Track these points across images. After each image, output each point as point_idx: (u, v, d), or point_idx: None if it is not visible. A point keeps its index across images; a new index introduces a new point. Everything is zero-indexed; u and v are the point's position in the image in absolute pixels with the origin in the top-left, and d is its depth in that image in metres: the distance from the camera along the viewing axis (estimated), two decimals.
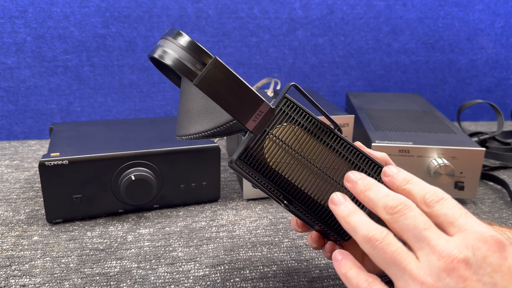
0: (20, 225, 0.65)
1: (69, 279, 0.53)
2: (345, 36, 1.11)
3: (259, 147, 0.41)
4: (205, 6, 1.01)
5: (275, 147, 0.41)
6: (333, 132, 0.43)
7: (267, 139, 0.41)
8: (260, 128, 0.40)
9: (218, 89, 0.37)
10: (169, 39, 0.39)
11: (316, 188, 0.42)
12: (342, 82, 1.16)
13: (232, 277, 0.54)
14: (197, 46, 0.38)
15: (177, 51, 0.38)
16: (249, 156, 0.41)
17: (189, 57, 0.38)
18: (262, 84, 1.11)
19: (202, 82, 0.37)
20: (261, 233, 0.64)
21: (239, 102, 0.38)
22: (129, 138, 0.71)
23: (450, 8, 1.13)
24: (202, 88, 0.37)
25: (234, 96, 0.38)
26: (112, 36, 0.98)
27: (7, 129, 1.00)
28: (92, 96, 1.02)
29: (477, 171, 0.72)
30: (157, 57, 0.39)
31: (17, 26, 0.93)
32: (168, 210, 0.70)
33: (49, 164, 0.61)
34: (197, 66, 0.38)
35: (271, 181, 0.42)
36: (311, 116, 0.43)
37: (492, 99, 1.24)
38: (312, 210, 0.43)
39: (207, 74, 0.37)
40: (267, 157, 0.41)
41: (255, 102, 0.39)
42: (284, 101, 0.42)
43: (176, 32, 0.39)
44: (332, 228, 0.44)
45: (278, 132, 0.41)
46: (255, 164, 0.41)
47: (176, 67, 0.38)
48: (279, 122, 0.41)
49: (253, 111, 0.39)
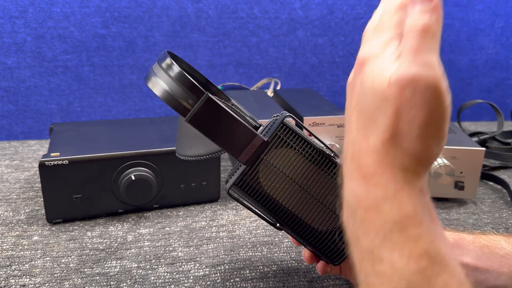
0: (20, 225, 0.64)
1: (69, 279, 0.53)
2: (345, 36, 1.11)
3: (254, 174, 0.41)
4: (205, 6, 1.01)
5: (269, 173, 0.41)
6: (328, 158, 0.43)
7: (261, 165, 0.41)
8: (253, 159, 0.40)
9: (209, 125, 0.37)
10: (162, 67, 0.38)
11: (310, 213, 0.43)
12: (342, 82, 1.15)
13: (232, 277, 0.54)
14: (188, 80, 0.37)
15: (168, 84, 0.37)
16: (243, 182, 0.41)
17: (181, 91, 0.37)
18: (262, 84, 1.11)
19: (194, 119, 0.37)
20: (261, 233, 0.64)
21: (231, 137, 0.38)
22: (129, 138, 0.71)
23: (450, 8, 1.13)
24: (193, 125, 0.37)
25: (226, 132, 0.38)
26: (112, 36, 0.98)
27: (7, 129, 1.00)
28: (92, 96, 1.02)
29: (477, 171, 0.72)
30: (150, 87, 0.38)
31: (17, 26, 0.93)
32: (168, 210, 0.70)
33: (49, 164, 0.61)
34: (189, 101, 0.37)
35: (265, 205, 0.42)
36: (307, 141, 0.42)
37: (492, 99, 1.23)
38: (304, 235, 0.44)
39: (198, 111, 0.37)
40: (261, 182, 0.41)
41: (247, 136, 0.39)
42: (281, 127, 0.41)
43: (168, 62, 0.38)
44: (323, 254, 0.45)
45: (272, 158, 0.41)
46: (249, 190, 0.42)
47: (168, 102, 0.38)
48: (275, 147, 0.41)
49: (245, 145, 0.39)
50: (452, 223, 0.69)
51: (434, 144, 0.30)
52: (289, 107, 0.88)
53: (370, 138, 0.30)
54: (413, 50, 0.29)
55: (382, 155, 0.30)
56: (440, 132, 0.30)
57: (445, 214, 0.71)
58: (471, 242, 0.45)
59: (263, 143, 0.40)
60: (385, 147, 0.30)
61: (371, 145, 0.30)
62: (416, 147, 0.29)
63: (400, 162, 0.29)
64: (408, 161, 0.29)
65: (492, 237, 0.45)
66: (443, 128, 0.30)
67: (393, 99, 0.29)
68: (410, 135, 0.29)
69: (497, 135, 1.01)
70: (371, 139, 0.30)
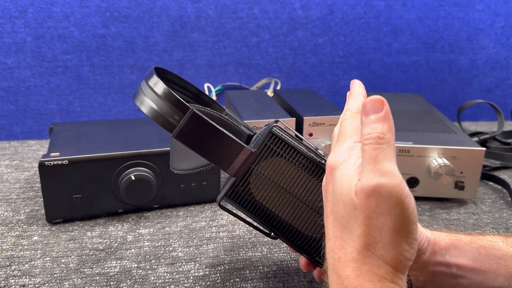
0: (20, 225, 0.64)
1: (69, 279, 0.53)
2: (345, 36, 1.11)
3: (245, 185, 0.41)
4: (205, 6, 1.01)
5: (261, 183, 0.41)
6: (318, 165, 0.43)
7: (252, 176, 0.41)
8: (243, 171, 0.40)
9: (196, 140, 0.38)
10: (149, 85, 0.38)
11: (303, 221, 0.43)
12: (342, 82, 1.15)
13: (232, 277, 0.54)
14: (174, 97, 0.37)
15: (155, 101, 0.38)
16: (234, 193, 0.41)
17: (167, 108, 0.38)
18: (262, 84, 1.11)
19: (180, 135, 0.37)
20: (261, 233, 0.64)
21: (218, 150, 0.39)
22: (129, 138, 0.71)
23: (450, 8, 1.13)
24: (180, 140, 0.38)
25: (213, 145, 0.38)
26: (112, 36, 0.98)
27: (7, 129, 1.00)
28: (92, 96, 1.02)
29: (477, 171, 0.72)
30: (138, 106, 0.39)
31: (17, 26, 0.93)
32: (168, 210, 0.70)
33: (49, 164, 0.61)
34: (175, 117, 0.38)
35: (258, 215, 0.42)
36: (296, 149, 0.42)
37: (492, 99, 1.23)
38: (298, 243, 0.44)
39: (184, 126, 0.37)
40: (253, 193, 0.42)
41: (235, 149, 0.39)
42: (269, 137, 0.42)
43: (155, 80, 0.38)
44: (318, 261, 0.45)
45: (263, 168, 0.41)
46: (241, 200, 0.42)
47: (155, 119, 0.38)
48: (265, 158, 0.41)
49: (233, 157, 0.39)
50: (452, 223, 0.69)
51: (406, 248, 0.31)
52: (289, 107, 0.88)
53: (346, 247, 0.32)
54: (372, 160, 0.31)
55: (359, 264, 0.31)
56: (410, 235, 0.31)
57: (445, 214, 0.71)
58: (468, 243, 0.45)
59: (251, 154, 0.40)
60: (361, 256, 0.31)
61: (348, 255, 0.31)
62: (390, 253, 0.30)
63: (378, 270, 0.30)
64: (384, 269, 0.30)
65: (489, 238, 0.45)
66: (413, 231, 0.31)
67: (361, 208, 0.31)
68: (383, 242, 0.30)
69: (497, 135, 1.01)
70: (347, 248, 0.32)
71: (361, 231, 0.31)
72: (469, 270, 0.44)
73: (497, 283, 0.43)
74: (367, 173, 0.31)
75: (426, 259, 0.45)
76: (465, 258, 0.44)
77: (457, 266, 0.44)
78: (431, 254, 0.45)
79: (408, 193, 0.31)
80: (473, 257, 0.44)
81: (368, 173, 0.31)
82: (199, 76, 1.07)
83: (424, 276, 0.45)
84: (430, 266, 0.45)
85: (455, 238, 0.46)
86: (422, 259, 0.45)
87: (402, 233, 0.30)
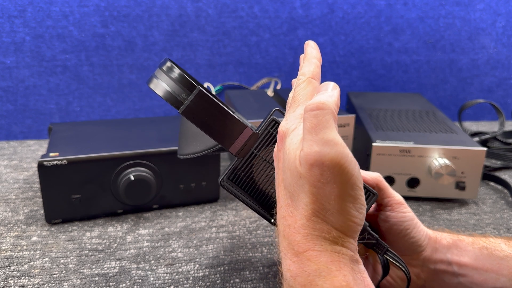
0: (19, 226, 0.64)
1: (68, 279, 0.53)
2: (346, 35, 1.11)
3: (247, 168, 0.43)
4: (205, 5, 1.01)
5: (262, 168, 0.43)
6: None
7: (255, 160, 0.43)
8: (244, 151, 0.42)
9: (201, 117, 0.41)
10: (162, 70, 0.42)
11: None
12: (343, 82, 1.15)
13: (232, 278, 0.54)
14: (184, 78, 0.41)
15: (166, 82, 0.41)
16: (237, 176, 0.43)
17: (177, 88, 0.41)
18: (262, 83, 1.10)
19: (187, 111, 0.40)
20: (261, 233, 0.64)
21: (222, 128, 0.41)
22: (128, 138, 0.70)
23: (451, 7, 1.13)
24: (186, 116, 0.41)
25: (217, 123, 0.41)
26: (112, 36, 0.98)
27: (6, 129, 1.00)
28: (91, 96, 1.02)
29: (478, 171, 0.71)
30: (152, 88, 0.42)
31: (16, 25, 0.93)
32: (168, 211, 0.70)
33: (48, 164, 0.61)
34: (183, 95, 0.41)
35: (259, 200, 0.44)
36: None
37: (493, 99, 1.23)
38: None
39: (190, 103, 0.40)
40: (255, 178, 0.43)
41: (237, 128, 0.42)
42: (272, 124, 0.43)
43: (168, 65, 0.42)
44: None
45: (266, 153, 0.43)
46: (243, 184, 0.43)
47: (165, 97, 0.41)
48: (267, 144, 0.43)
49: (236, 136, 0.42)
50: (453, 223, 0.69)
51: (355, 214, 0.31)
52: None
53: (296, 214, 0.32)
54: (312, 129, 0.31)
55: (310, 230, 0.31)
56: (357, 200, 0.31)
57: (446, 215, 0.71)
58: (470, 244, 0.45)
59: (253, 135, 0.42)
60: (310, 222, 0.31)
61: (298, 222, 0.32)
62: (339, 219, 0.31)
63: (328, 235, 0.31)
64: (334, 233, 0.31)
65: (492, 239, 0.45)
66: (360, 196, 0.31)
67: (305, 177, 0.31)
68: (331, 209, 0.31)
69: (498, 135, 1.01)
70: (297, 215, 0.32)
71: (308, 199, 0.31)
72: (471, 269, 0.44)
73: (498, 283, 0.43)
74: (309, 143, 0.31)
75: (427, 256, 0.45)
76: (467, 257, 0.44)
77: (459, 265, 0.44)
78: (432, 252, 0.45)
79: (351, 159, 0.31)
80: (475, 256, 0.44)
81: (310, 142, 0.30)
82: (199, 76, 1.07)
83: (425, 274, 0.45)
84: (431, 264, 0.45)
85: (457, 238, 0.46)
86: (422, 256, 0.45)
87: (349, 199, 0.31)
